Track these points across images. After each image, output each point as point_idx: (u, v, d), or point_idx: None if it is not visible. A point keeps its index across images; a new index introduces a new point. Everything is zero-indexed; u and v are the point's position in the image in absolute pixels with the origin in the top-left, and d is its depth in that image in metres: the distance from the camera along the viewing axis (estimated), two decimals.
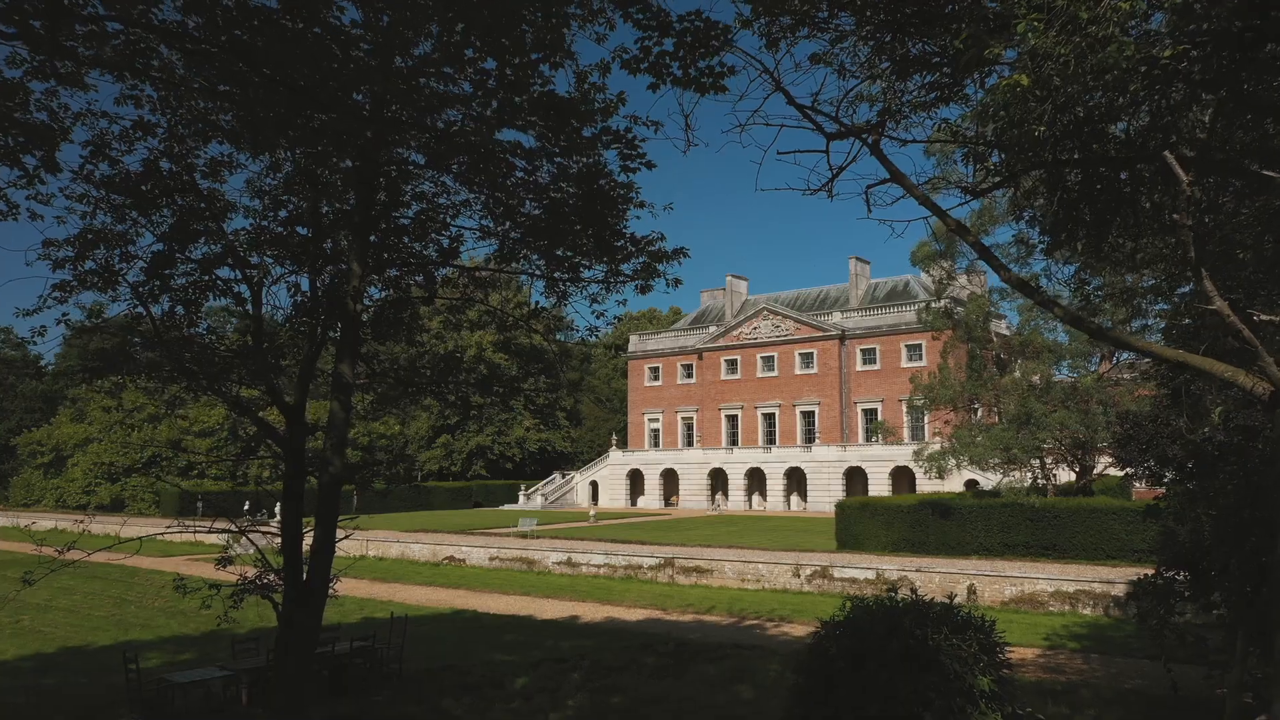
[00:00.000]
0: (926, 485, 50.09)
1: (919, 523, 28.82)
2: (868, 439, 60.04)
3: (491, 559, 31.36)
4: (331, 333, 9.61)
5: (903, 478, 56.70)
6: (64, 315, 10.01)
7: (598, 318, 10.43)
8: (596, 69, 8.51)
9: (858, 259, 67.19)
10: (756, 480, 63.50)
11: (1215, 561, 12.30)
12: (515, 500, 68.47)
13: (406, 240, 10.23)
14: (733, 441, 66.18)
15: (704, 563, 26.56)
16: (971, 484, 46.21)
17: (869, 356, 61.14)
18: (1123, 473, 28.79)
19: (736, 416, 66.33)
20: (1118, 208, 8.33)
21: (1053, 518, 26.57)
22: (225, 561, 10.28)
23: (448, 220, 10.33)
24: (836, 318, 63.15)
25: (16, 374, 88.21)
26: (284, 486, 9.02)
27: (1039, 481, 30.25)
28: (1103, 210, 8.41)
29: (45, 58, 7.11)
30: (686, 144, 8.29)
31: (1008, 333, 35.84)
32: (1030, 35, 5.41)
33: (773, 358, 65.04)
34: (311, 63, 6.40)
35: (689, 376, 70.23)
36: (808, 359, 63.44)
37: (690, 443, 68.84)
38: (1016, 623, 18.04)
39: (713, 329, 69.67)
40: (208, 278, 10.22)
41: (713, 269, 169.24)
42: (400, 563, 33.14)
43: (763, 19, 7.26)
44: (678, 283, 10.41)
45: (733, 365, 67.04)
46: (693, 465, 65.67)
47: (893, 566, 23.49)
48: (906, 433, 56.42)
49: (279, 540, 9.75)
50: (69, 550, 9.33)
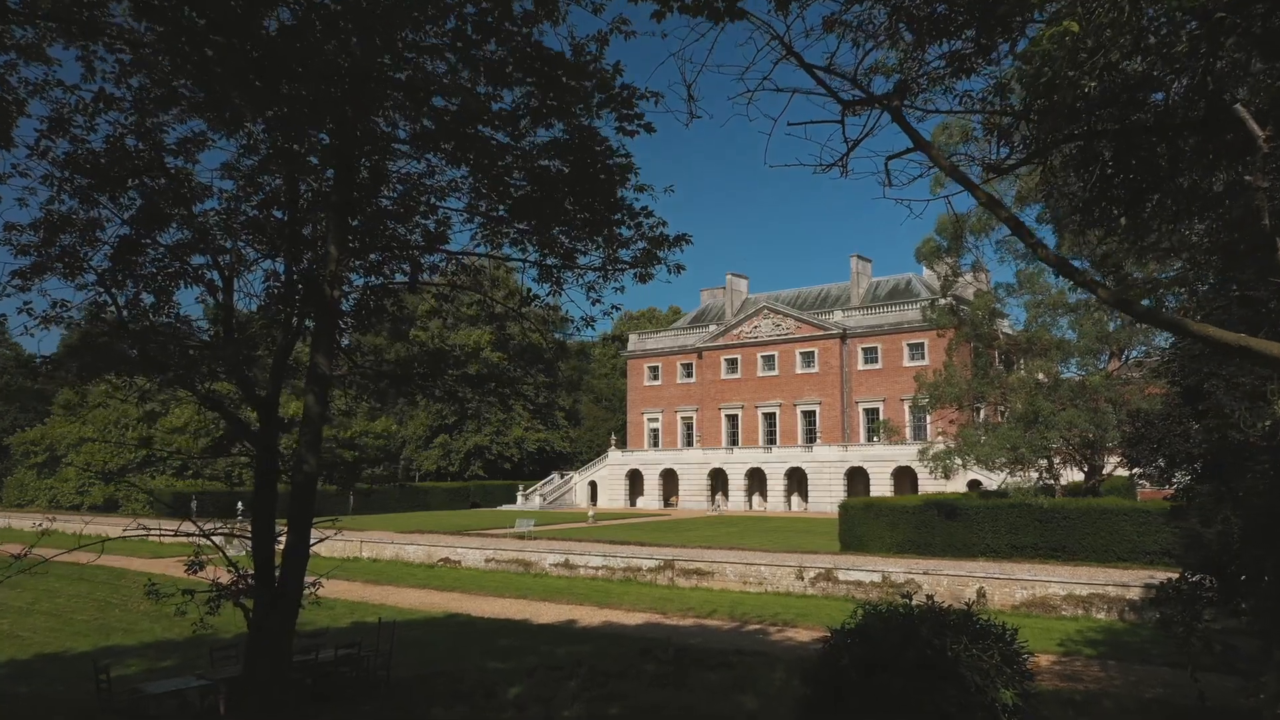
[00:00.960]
0: (929, 485, 49.48)
1: (924, 524, 28.18)
2: (869, 439, 59.43)
3: (487, 560, 30.71)
4: (308, 322, 8.97)
5: (905, 478, 56.07)
6: (26, 304, 9.40)
7: (594, 305, 9.79)
8: (594, 40, 7.89)
9: (859, 257, 66.57)
10: (757, 480, 62.85)
11: (1245, 565, 11.67)
12: (513, 501, 67.81)
13: (390, 224, 9.59)
14: (733, 441, 65.53)
15: (704, 565, 25.92)
16: (974, 484, 45.61)
17: (870, 355, 60.50)
18: (1130, 473, 28.20)
19: (737, 416, 65.69)
20: (1155, 185, 7.70)
21: (1062, 519, 25.94)
22: (196, 566, 9.65)
23: (435, 203, 9.69)
24: (838, 316, 62.51)
25: (11, 373, 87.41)
26: (255, 485, 8.39)
27: (1046, 481, 29.62)
28: (1138, 187, 7.78)
29: None
30: (689, 115, 7.66)
31: (1010, 331, 35.20)
32: None
33: (773, 357, 64.39)
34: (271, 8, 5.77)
35: (689, 376, 69.58)
36: (808, 358, 62.80)
37: (690, 443, 68.20)
38: (1029, 627, 17.36)
39: (713, 328, 69.02)
40: (178, 265, 9.58)
41: (713, 268, 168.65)
42: (394, 564, 32.48)
43: None
44: (680, 269, 9.76)
45: (733, 364, 66.40)
46: (692, 465, 65.02)
47: (899, 569, 22.85)
48: (909, 433, 55.84)
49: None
50: (29, 551, 8.71)
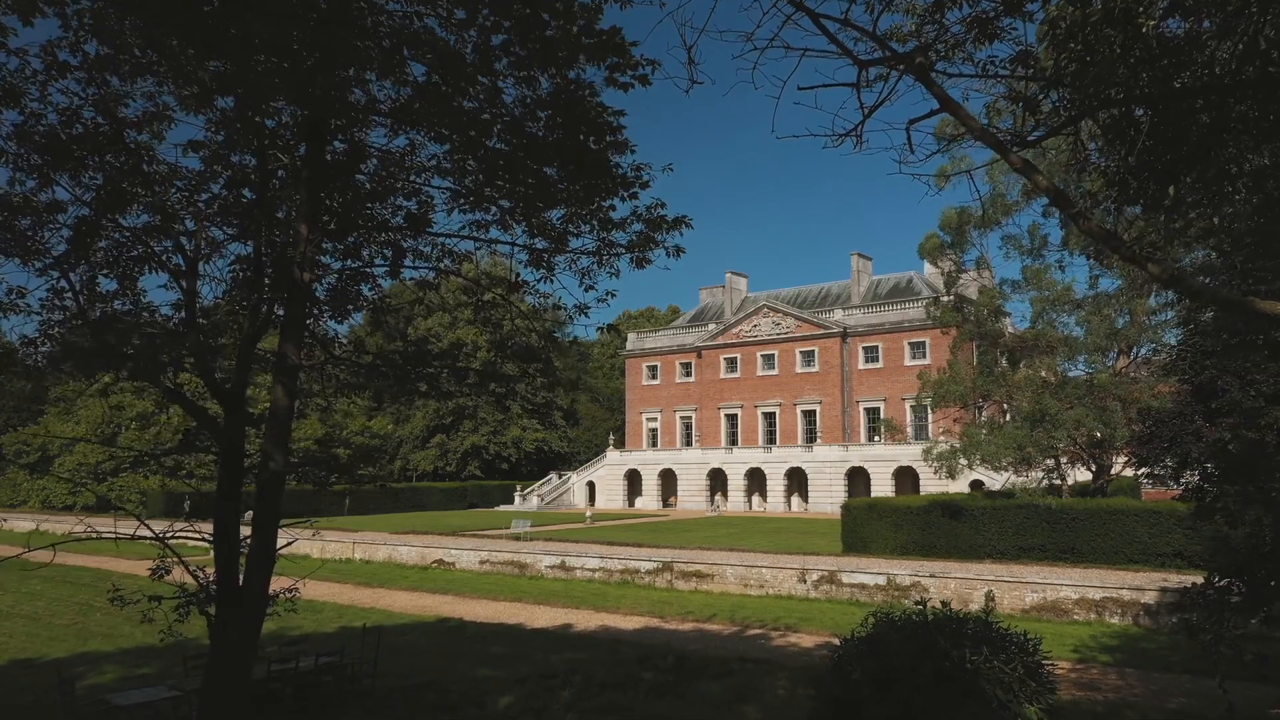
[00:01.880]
0: (931, 486, 48.85)
1: (929, 525, 27.52)
2: (870, 439, 58.83)
3: (482, 562, 30.03)
4: (278, 309, 8.30)
5: (906, 478, 55.44)
6: None
7: (587, 291, 9.12)
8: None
9: (859, 255, 65.98)
10: (756, 481, 62.19)
11: (1278, 568, 11.02)
12: (511, 501, 67.15)
13: (368, 206, 8.91)
14: (732, 441, 64.88)
15: (704, 567, 25.25)
16: (977, 484, 44.96)
17: (871, 354, 59.87)
18: (1138, 472, 27.57)
19: (736, 416, 65.03)
20: (1196, 157, 7.04)
21: (1070, 520, 25.28)
22: (162, 571, 9.00)
23: (415, 183, 9.01)
24: (838, 315, 61.88)
25: (4, 373, 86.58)
26: (218, 484, 7.72)
27: (1054, 482, 28.97)
28: (1175, 160, 7.11)
29: None
30: (689, 81, 7.00)
31: (1011, 330, 34.56)
32: None
33: (773, 356, 63.75)
34: None
35: (688, 375, 68.93)
36: (809, 357, 62.16)
37: (689, 442, 67.55)
38: (1040, 632, 16.60)
39: (712, 327, 68.35)
40: (141, 249, 8.89)
41: (712, 267, 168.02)
42: (387, 566, 31.79)
43: None
44: (679, 251, 9.09)
45: (732, 364, 65.75)
46: (691, 465, 64.37)
47: (904, 571, 22.19)
48: (910, 432, 55.24)
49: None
50: None
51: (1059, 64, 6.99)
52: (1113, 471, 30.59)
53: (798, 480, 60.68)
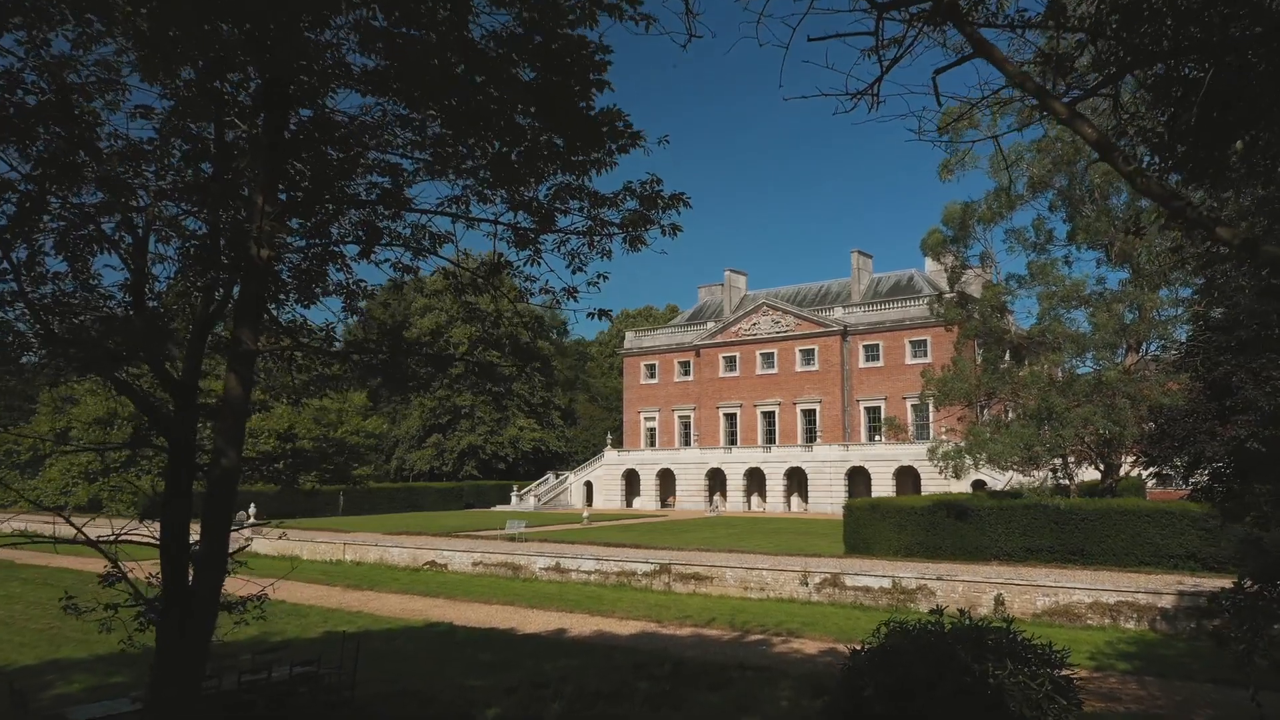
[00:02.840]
0: (932, 486, 48.16)
1: (934, 525, 26.81)
2: (871, 438, 58.14)
3: (475, 564, 29.29)
4: (237, 290, 7.57)
5: (907, 478, 54.75)
6: None
7: (574, 273, 8.38)
8: None
9: (860, 253, 65.28)
10: (756, 480, 61.46)
11: None
12: (508, 501, 66.43)
13: (337, 179, 8.16)
14: (731, 441, 64.15)
15: (703, 569, 24.52)
16: (979, 484, 44.26)
17: (872, 353, 59.16)
18: (1147, 472, 26.86)
19: (735, 415, 64.30)
20: (1255, 116, 6.31)
21: (1080, 520, 24.58)
22: (113, 578, 8.29)
23: (384, 158, 8.26)
24: (838, 313, 61.17)
25: None
26: (167, 483, 7.00)
27: (1061, 481, 28.25)
28: (1226, 121, 6.38)
29: None
30: (687, 34, 6.27)
31: (1020, 327, 33.85)
32: None
33: (772, 354, 63.03)
34: None
35: (686, 374, 68.20)
36: (809, 355, 61.44)
37: (688, 442, 66.81)
38: (1054, 638, 15.93)
39: (711, 325, 67.61)
40: (91, 228, 8.15)
41: (711, 266, 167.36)
42: (378, 568, 31.03)
43: None
44: (676, 230, 8.37)
45: (731, 362, 65.04)
46: (690, 465, 63.64)
47: (910, 574, 21.46)
48: (911, 432, 54.53)
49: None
50: None
51: (1099, 13, 6.29)
52: (1122, 471, 29.88)
53: (797, 480, 59.96)
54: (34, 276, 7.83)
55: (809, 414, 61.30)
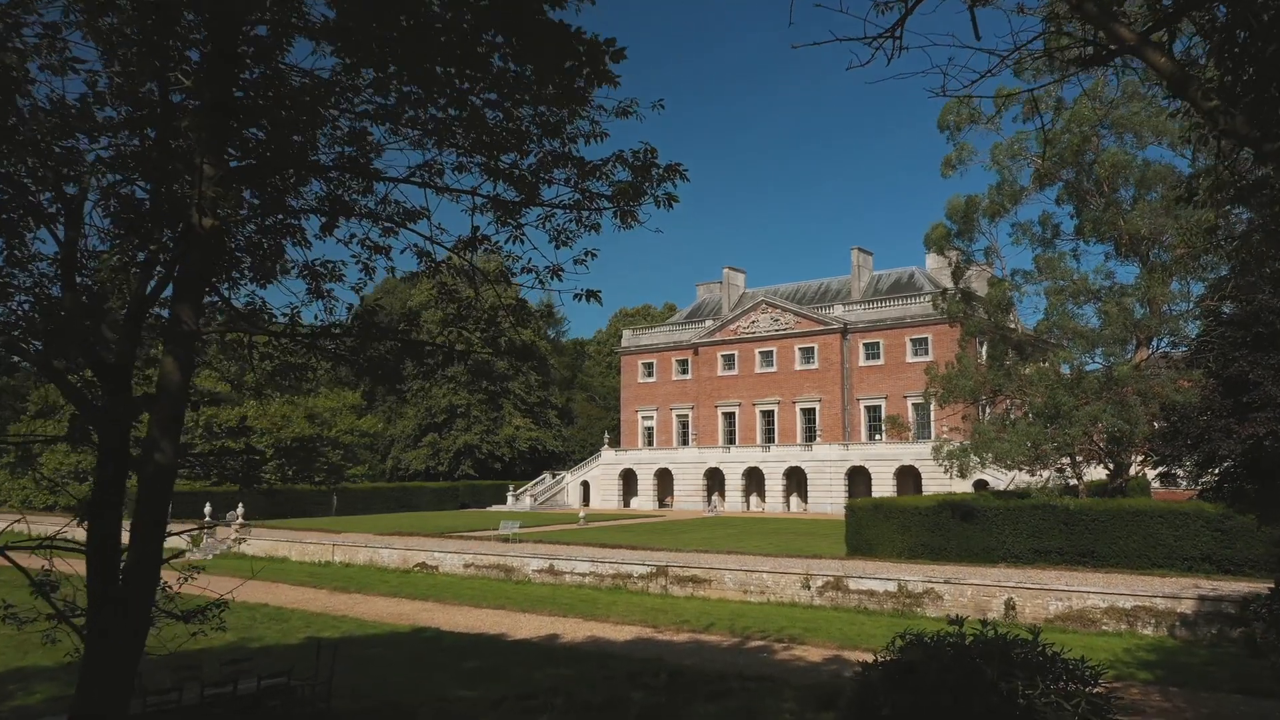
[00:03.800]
0: (934, 485, 47.42)
1: (939, 526, 26.01)
2: (871, 437, 57.39)
3: (466, 566, 28.48)
4: (180, 266, 6.76)
5: (908, 478, 53.99)
6: None
7: (558, 249, 7.59)
8: None
9: (860, 250, 64.53)
10: (755, 480, 60.68)
11: None
12: (504, 501, 65.62)
13: (294, 140, 7.34)
14: (730, 440, 63.37)
15: (701, 571, 23.73)
16: (981, 484, 43.42)
17: (872, 351, 58.40)
18: (1156, 471, 26.13)
19: (734, 414, 63.53)
20: None
21: (1090, 521, 23.79)
22: (45, 587, 7.49)
23: (357, 125, 7.46)
24: (838, 311, 60.39)
25: None
26: (95, 480, 6.23)
27: (1068, 481, 27.48)
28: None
29: None
30: None
31: (1018, 324, 33.09)
32: None
33: (771, 353, 62.25)
34: None
35: (684, 372, 67.41)
36: (808, 354, 60.67)
37: (686, 441, 66.02)
38: (1069, 645, 15.16)
39: (709, 323, 66.84)
40: (8, 194, 7.31)
41: (710, 264, 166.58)
42: (367, 569, 30.23)
43: None
44: (672, 201, 7.59)
45: (730, 361, 64.26)
46: (688, 465, 62.86)
47: (915, 577, 20.68)
48: (913, 431, 53.79)
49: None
50: None
51: None
52: (1132, 471, 29.12)
53: (797, 480, 59.19)
54: None
55: (808, 413, 60.53)
